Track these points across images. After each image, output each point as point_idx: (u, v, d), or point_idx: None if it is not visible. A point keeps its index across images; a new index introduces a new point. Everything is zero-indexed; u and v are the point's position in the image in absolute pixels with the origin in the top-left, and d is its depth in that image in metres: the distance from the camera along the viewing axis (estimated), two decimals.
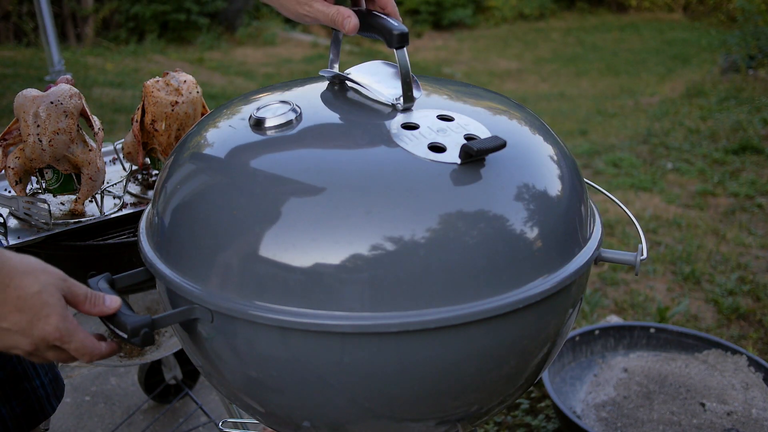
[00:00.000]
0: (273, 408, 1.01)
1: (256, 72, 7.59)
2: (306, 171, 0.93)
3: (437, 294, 0.87)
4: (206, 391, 2.42)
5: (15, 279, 0.88)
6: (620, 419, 2.07)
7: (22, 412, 1.25)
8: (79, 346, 0.91)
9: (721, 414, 2.06)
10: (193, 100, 1.66)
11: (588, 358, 2.36)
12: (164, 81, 1.67)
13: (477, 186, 0.93)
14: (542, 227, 0.95)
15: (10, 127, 1.53)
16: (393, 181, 0.91)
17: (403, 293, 0.86)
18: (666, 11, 11.85)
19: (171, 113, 1.64)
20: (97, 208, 1.60)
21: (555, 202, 0.99)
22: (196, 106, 1.68)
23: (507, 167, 0.97)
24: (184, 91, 1.65)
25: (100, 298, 0.94)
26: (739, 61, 7.20)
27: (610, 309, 3.04)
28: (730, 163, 4.84)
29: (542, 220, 0.95)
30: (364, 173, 0.93)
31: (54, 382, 1.33)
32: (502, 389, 1.02)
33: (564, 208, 1.00)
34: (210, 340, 0.97)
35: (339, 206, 0.88)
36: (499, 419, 2.30)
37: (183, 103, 1.64)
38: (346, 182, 0.91)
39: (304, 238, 0.87)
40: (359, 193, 0.89)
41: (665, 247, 3.64)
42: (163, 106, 1.63)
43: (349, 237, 0.86)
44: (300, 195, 0.91)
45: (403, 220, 0.87)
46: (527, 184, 0.97)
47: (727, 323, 2.94)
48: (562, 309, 1.02)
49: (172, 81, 1.66)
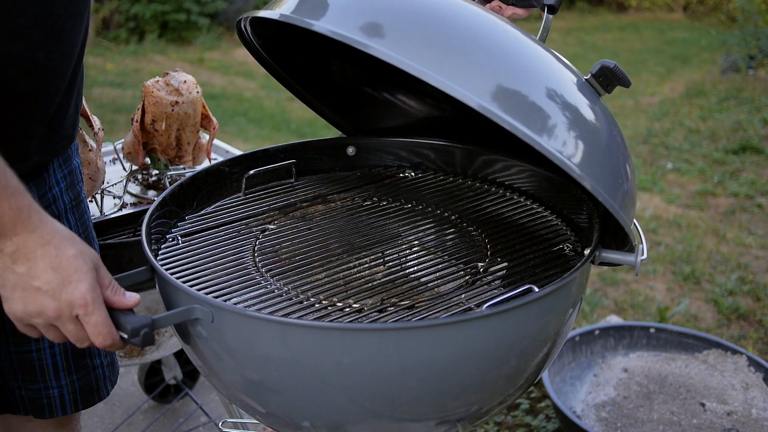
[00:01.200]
0: (273, 408, 1.01)
1: (256, 72, 7.57)
2: None
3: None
4: (206, 391, 2.42)
5: (56, 239, 0.90)
6: (620, 419, 2.07)
7: (81, 387, 1.27)
8: (98, 322, 0.91)
9: (721, 414, 2.06)
10: (194, 100, 1.66)
11: (588, 358, 2.36)
12: (164, 81, 1.67)
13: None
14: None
15: None
16: None
17: None
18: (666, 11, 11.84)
19: (171, 113, 1.64)
20: (97, 208, 1.60)
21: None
22: (196, 106, 1.68)
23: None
24: (184, 91, 1.65)
25: (122, 289, 0.96)
26: (739, 61, 7.20)
27: (610, 309, 3.04)
28: (730, 163, 4.83)
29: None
30: None
31: (111, 366, 1.34)
32: (502, 389, 1.02)
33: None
34: (210, 340, 0.97)
35: None
36: (499, 419, 2.30)
37: (183, 103, 1.64)
38: None
39: None
40: None
41: (665, 247, 3.64)
42: (163, 106, 1.63)
43: None
44: None
45: None
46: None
47: (727, 323, 2.94)
48: (562, 309, 1.02)
49: (172, 81, 1.66)
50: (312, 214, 1.36)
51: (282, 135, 5.53)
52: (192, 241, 1.25)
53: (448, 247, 1.25)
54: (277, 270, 1.16)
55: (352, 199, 1.42)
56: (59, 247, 0.91)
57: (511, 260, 1.19)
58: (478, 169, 1.48)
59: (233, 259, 1.19)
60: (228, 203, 1.40)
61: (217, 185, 1.41)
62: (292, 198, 1.42)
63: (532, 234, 1.27)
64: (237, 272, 1.15)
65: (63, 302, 0.91)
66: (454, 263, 1.19)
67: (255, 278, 1.13)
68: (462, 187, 1.46)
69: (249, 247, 1.23)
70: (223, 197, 1.41)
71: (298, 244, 1.24)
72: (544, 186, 1.36)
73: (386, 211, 1.36)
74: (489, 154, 1.45)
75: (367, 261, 1.20)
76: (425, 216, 1.35)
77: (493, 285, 1.12)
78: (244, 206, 1.38)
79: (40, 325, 0.93)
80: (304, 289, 1.10)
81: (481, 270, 1.16)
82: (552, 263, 1.16)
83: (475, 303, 1.05)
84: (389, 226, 1.31)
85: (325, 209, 1.39)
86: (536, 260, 1.18)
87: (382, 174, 1.52)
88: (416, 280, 1.15)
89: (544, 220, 1.32)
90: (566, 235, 1.27)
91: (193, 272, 1.14)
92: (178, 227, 1.29)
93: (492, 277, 1.14)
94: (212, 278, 1.12)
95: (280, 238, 1.26)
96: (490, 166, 1.46)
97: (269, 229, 1.30)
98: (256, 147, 2.42)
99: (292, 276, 1.14)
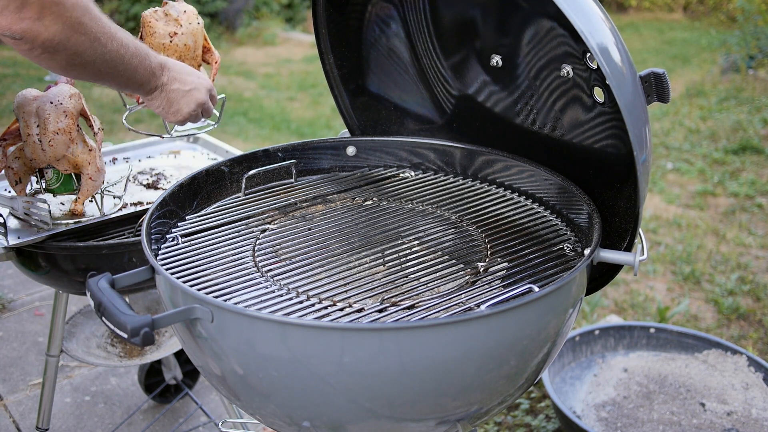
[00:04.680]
0: (273, 408, 1.01)
1: (256, 72, 7.58)
2: None
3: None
4: (206, 391, 2.42)
5: (169, 59, 1.40)
6: (620, 419, 2.07)
7: None
8: (214, 92, 1.50)
9: (721, 414, 2.06)
10: (194, 31, 1.57)
11: (588, 358, 2.36)
12: (163, 11, 1.57)
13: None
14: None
15: (10, 127, 1.53)
16: None
17: None
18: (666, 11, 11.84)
19: (169, 45, 1.55)
20: (97, 208, 1.60)
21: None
22: (197, 38, 1.58)
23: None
24: (184, 21, 1.56)
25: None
26: (739, 61, 7.19)
27: (610, 309, 3.04)
28: (730, 163, 4.83)
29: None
30: None
31: None
32: (502, 389, 1.02)
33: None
34: (210, 340, 0.97)
35: None
36: (499, 419, 2.30)
37: (182, 35, 1.55)
38: None
39: None
40: None
41: (665, 247, 3.64)
42: (161, 38, 1.54)
43: None
44: None
45: None
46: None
47: (727, 323, 2.94)
48: (562, 309, 1.02)
49: (171, 11, 1.57)
50: (312, 214, 1.36)
51: (282, 135, 5.53)
52: (192, 241, 1.25)
53: (448, 247, 1.25)
54: (277, 270, 1.16)
55: (352, 199, 1.42)
56: (175, 62, 1.40)
57: (511, 260, 1.19)
58: (478, 169, 1.48)
59: (233, 259, 1.19)
60: (228, 203, 1.40)
61: (217, 185, 1.41)
62: (292, 198, 1.42)
63: (532, 234, 1.27)
64: (237, 272, 1.15)
65: (204, 88, 1.44)
66: (454, 263, 1.19)
67: (255, 278, 1.13)
68: (462, 187, 1.46)
69: (249, 247, 1.23)
70: (223, 197, 1.42)
71: (298, 244, 1.24)
72: (544, 186, 1.36)
73: (386, 211, 1.36)
74: (489, 154, 1.46)
75: (367, 261, 1.20)
76: (425, 216, 1.35)
77: (493, 285, 1.12)
78: (244, 206, 1.38)
79: (197, 113, 1.44)
80: (304, 289, 1.10)
81: (481, 270, 1.16)
82: (552, 263, 1.16)
83: (475, 303, 1.05)
84: (389, 226, 1.31)
85: (325, 209, 1.39)
86: (536, 260, 1.18)
87: (382, 174, 1.52)
88: (416, 280, 1.15)
89: (544, 220, 1.32)
90: (566, 235, 1.27)
91: (193, 272, 1.14)
92: (178, 227, 1.29)
93: (492, 277, 1.14)
94: (212, 278, 1.12)
95: (280, 238, 1.26)
96: (490, 166, 1.46)
97: (269, 229, 1.30)
98: (256, 147, 2.42)
99: (292, 276, 1.14)
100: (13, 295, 3.02)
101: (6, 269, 3.20)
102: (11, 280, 3.13)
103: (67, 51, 1.13)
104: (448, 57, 1.46)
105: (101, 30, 1.18)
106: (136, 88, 1.34)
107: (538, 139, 1.38)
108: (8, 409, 2.36)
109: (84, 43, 1.15)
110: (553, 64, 1.27)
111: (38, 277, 1.60)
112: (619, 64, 1.02)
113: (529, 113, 1.38)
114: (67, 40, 1.12)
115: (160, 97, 1.39)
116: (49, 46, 1.11)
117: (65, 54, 1.14)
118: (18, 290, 3.06)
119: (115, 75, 1.25)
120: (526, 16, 1.28)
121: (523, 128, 1.40)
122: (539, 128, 1.37)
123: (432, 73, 1.51)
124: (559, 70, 1.26)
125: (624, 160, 1.19)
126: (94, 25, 1.16)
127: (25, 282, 3.10)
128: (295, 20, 10.27)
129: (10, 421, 2.31)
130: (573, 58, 1.22)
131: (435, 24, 1.43)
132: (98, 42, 1.17)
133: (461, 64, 1.45)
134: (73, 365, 2.57)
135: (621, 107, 0.99)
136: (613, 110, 1.17)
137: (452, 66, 1.47)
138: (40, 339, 2.74)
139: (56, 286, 1.72)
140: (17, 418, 2.32)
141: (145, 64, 1.30)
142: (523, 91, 1.37)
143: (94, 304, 0.96)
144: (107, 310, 0.93)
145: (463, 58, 1.44)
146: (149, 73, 1.32)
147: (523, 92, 1.37)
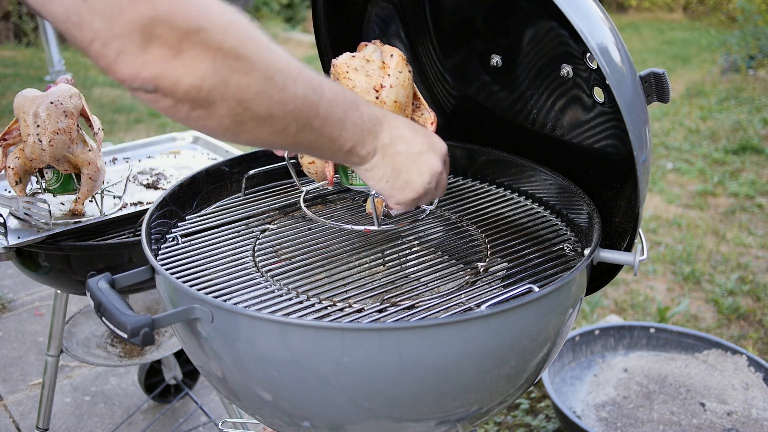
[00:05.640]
0: (273, 408, 1.01)
1: None
2: None
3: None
4: (206, 391, 2.42)
5: (389, 113, 1.01)
6: (620, 419, 2.07)
7: None
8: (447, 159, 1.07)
9: (721, 414, 2.06)
10: (404, 82, 1.25)
11: (588, 358, 2.36)
12: (363, 57, 1.27)
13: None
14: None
15: (10, 127, 1.53)
16: None
17: None
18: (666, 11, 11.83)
19: (375, 102, 1.15)
20: (97, 208, 1.60)
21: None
22: (407, 92, 1.27)
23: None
24: (393, 70, 1.22)
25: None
26: (739, 61, 7.20)
27: (610, 309, 3.04)
28: (730, 163, 4.83)
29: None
30: None
31: None
32: (502, 389, 1.02)
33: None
34: (210, 340, 0.97)
35: None
36: (499, 419, 2.30)
37: (391, 87, 1.23)
38: None
39: None
40: None
41: (665, 247, 3.64)
42: (364, 93, 1.22)
43: None
44: None
45: None
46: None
47: (727, 323, 2.94)
48: (562, 309, 1.02)
49: (373, 56, 1.23)
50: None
51: None
52: (192, 241, 1.25)
53: (448, 247, 1.25)
54: (277, 270, 1.16)
55: (352, 199, 1.42)
56: (393, 114, 1.01)
57: (511, 260, 1.19)
58: (478, 169, 1.48)
59: (233, 259, 1.19)
60: (228, 203, 1.40)
61: (217, 185, 1.41)
62: (292, 198, 1.42)
63: (532, 234, 1.27)
64: (237, 272, 1.15)
65: (440, 152, 1.03)
66: (454, 263, 1.19)
67: (255, 278, 1.13)
68: (462, 187, 1.46)
69: (249, 247, 1.23)
70: (223, 197, 1.42)
71: (298, 244, 1.24)
72: (544, 186, 1.36)
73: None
74: (489, 154, 1.46)
75: (367, 261, 1.20)
76: (425, 216, 1.35)
77: (493, 285, 1.12)
78: (244, 206, 1.38)
79: (432, 187, 1.03)
80: (304, 289, 1.10)
81: (481, 270, 1.16)
82: (552, 263, 1.16)
83: (475, 303, 1.05)
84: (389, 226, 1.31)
85: (325, 209, 1.39)
86: (536, 260, 1.18)
87: None
88: (416, 280, 1.15)
89: (544, 220, 1.32)
90: (566, 235, 1.26)
91: (193, 272, 1.14)
92: (178, 227, 1.29)
93: (492, 277, 1.14)
94: (212, 278, 1.12)
95: (280, 238, 1.26)
96: (490, 166, 1.46)
97: (269, 229, 1.30)
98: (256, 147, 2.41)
99: (292, 276, 1.14)
100: (13, 295, 3.02)
101: (6, 269, 3.20)
102: (11, 280, 3.13)
103: (227, 101, 0.77)
104: (447, 57, 1.46)
105: (275, 66, 0.80)
106: (345, 153, 0.94)
107: (538, 139, 1.38)
108: (8, 409, 2.36)
109: (251, 86, 0.78)
110: (553, 64, 1.27)
111: (38, 277, 1.60)
112: (619, 64, 1.02)
113: (529, 113, 1.38)
114: (224, 83, 0.76)
115: (383, 164, 0.98)
116: (198, 97, 0.76)
117: (226, 106, 0.78)
118: (18, 290, 3.07)
119: (310, 133, 0.87)
120: (526, 16, 1.28)
121: (523, 128, 1.40)
122: (539, 128, 1.37)
123: (432, 73, 1.51)
124: (559, 70, 1.26)
125: (624, 160, 1.19)
126: (261, 59, 0.79)
127: (25, 282, 3.10)
128: (295, 20, 10.27)
129: (10, 421, 2.31)
130: (573, 58, 1.22)
131: (435, 24, 1.43)
132: (272, 83, 0.80)
133: (461, 64, 1.45)
134: (73, 365, 2.57)
135: (621, 107, 0.99)
136: (613, 110, 1.17)
137: (452, 66, 1.47)
138: (40, 339, 2.74)
139: (56, 286, 1.72)
140: (17, 418, 2.32)
141: (354, 116, 0.91)
142: (522, 91, 1.37)
143: (94, 304, 0.96)
144: (107, 310, 0.93)
145: (463, 58, 1.44)
146: (363, 129, 0.94)
147: (522, 92, 1.37)
